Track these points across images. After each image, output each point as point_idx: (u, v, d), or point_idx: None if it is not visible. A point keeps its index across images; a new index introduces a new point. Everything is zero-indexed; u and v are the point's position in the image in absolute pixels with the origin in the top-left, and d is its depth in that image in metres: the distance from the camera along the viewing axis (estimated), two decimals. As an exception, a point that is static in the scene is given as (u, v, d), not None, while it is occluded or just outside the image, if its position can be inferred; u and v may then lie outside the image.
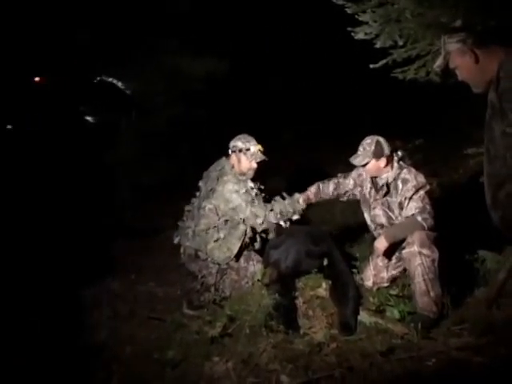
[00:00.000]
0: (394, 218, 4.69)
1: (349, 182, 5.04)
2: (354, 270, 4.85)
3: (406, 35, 4.03)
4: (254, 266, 5.26)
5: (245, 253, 5.36)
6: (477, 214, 5.13)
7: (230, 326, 4.39)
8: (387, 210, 4.72)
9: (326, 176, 5.31)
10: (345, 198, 5.14)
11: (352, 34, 4.21)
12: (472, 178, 6.68)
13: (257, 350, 4.11)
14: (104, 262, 6.83)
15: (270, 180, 7.43)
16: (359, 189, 4.98)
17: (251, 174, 5.31)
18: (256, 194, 5.21)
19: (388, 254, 4.65)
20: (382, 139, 4.66)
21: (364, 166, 4.72)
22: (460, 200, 6.30)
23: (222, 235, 5.14)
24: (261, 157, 5.28)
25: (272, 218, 5.10)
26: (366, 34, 4.16)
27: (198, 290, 5.23)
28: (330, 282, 4.62)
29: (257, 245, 5.32)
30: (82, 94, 8.44)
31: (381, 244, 4.53)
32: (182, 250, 5.34)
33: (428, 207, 4.44)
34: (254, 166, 5.28)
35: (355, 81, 8.93)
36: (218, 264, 5.15)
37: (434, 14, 3.18)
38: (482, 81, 2.81)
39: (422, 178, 4.54)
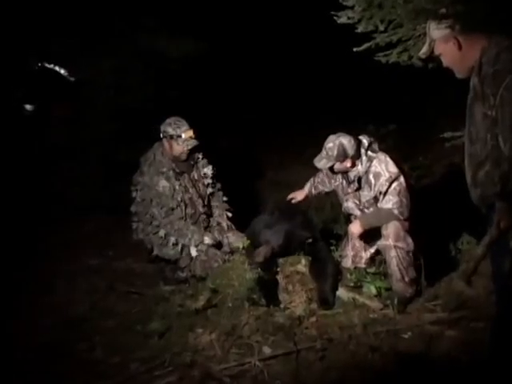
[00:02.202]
0: (366, 209, 4.72)
1: (323, 180, 5.08)
2: (333, 248, 4.98)
3: (388, 21, 4.13)
4: (227, 238, 5.38)
5: (215, 224, 5.50)
6: (448, 196, 5.37)
7: (213, 299, 4.48)
8: (359, 203, 4.74)
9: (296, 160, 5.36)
10: (324, 191, 5.21)
11: (335, 17, 4.27)
12: (443, 162, 6.88)
13: (239, 322, 4.22)
14: (80, 239, 6.84)
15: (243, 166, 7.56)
16: (332, 181, 4.98)
17: (184, 156, 5.30)
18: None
19: (363, 237, 4.72)
20: (345, 140, 4.53)
21: (330, 168, 4.72)
22: (432, 183, 6.47)
23: (162, 233, 5.22)
24: (192, 143, 5.24)
25: (193, 251, 5.20)
26: (348, 18, 4.23)
27: (172, 267, 5.30)
28: (310, 259, 4.73)
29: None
30: (20, 80, 8.12)
31: (355, 229, 4.62)
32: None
33: (404, 200, 4.45)
34: (186, 149, 5.25)
35: (331, 65, 9.01)
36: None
37: (421, 0, 3.29)
38: (465, 67, 2.93)
39: (393, 168, 4.49)
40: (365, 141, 4.65)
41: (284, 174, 7.58)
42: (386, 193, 4.48)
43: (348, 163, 4.58)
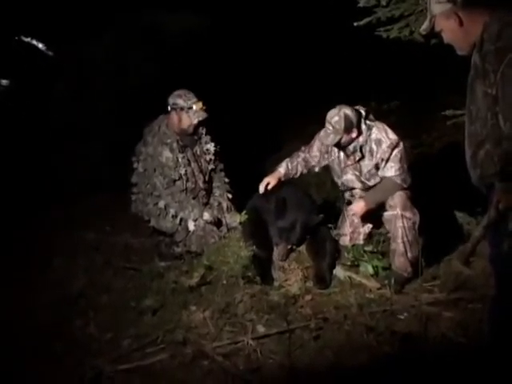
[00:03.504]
0: (367, 181, 4.67)
1: (315, 155, 4.90)
2: (331, 226, 4.92)
3: (390, -6, 4.06)
4: (225, 219, 5.34)
5: (215, 204, 5.46)
6: (450, 175, 5.30)
7: (207, 276, 4.46)
8: (359, 173, 4.69)
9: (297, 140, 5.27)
10: (316, 170, 5.04)
11: (337, -9, 4.21)
12: (446, 140, 6.81)
13: (234, 300, 4.20)
14: (79, 215, 6.82)
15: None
16: (326, 156, 4.87)
17: (191, 129, 5.24)
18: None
19: (365, 216, 4.68)
20: (348, 110, 4.48)
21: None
22: (434, 162, 6.40)
23: (162, 205, 5.17)
24: (203, 115, 5.18)
25: (190, 225, 5.16)
26: (351, -8, 4.18)
27: (167, 243, 5.27)
28: (308, 237, 4.68)
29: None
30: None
31: (359, 208, 4.56)
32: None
33: (405, 166, 4.47)
34: (195, 122, 5.19)
35: (334, 39, 8.90)
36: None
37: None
38: (466, 43, 2.85)
39: (393, 135, 4.49)
40: (361, 110, 4.62)
41: (285, 152, 7.53)
42: (388, 160, 4.47)
43: (354, 133, 4.52)
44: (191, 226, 5.14)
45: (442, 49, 3.08)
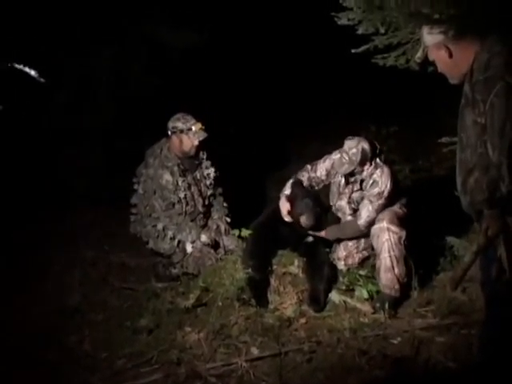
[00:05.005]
0: (355, 209, 4.77)
1: (321, 174, 4.94)
2: (328, 249, 4.94)
3: (388, 23, 4.10)
4: (223, 241, 5.39)
5: (214, 227, 5.49)
6: (447, 200, 5.32)
7: (203, 297, 4.50)
8: (353, 203, 4.79)
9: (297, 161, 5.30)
10: (319, 187, 5.08)
11: (335, 19, 4.24)
12: (444, 165, 6.84)
13: (228, 321, 4.24)
14: (78, 229, 6.79)
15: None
16: (332, 177, 4.94)
17: (193, 151, 5.32)
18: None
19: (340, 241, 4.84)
20: (366, 145, 4.56)
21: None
22: (432, 187, 6.42)
23: (160, 227, 5.24)
24: (203, 135, 5.26)
25: (188, 247, 5.23)
26: (349, 19, 4.20)
27: (164, 264, 5.32)
28: (305, 259, 4.72)
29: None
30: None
31: (323, 234, 4.76)
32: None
33: (375, 217, 4.53)
34: (196, 143, 5.26)
35: (335, 66, 8.95)
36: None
37: (417, 3, 3.26)
38: (457, 73, 2.91)
39: (388, 185, 4.53)
40: (377, 147, 4.69)
41: (287, 171, 7.55)
42: (369, 202, 4.54)
43: (366, 166, 4.62)
44: (189, 248, 5.19)
45: (441, 75, 3.13)
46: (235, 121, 8.38)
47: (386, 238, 4.39)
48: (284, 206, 4.78)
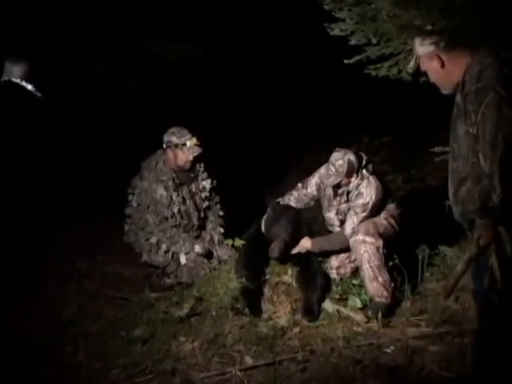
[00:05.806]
0: (342, 219, 4.84)
1: (311, 190, 5.02)
2: (321, 259, 4.97)
3: (380, 34, 4.13)
4: (217, 251, 5.41)
5: (207, 237, 5.50)
6: (440, 210, 5.34)
7: (197, 307, 4.53)
8: (340, 215, 4.85)
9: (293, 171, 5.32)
10: (311, 204, 5.16)
11: (328, 29, 4.27)
12: (437, 175, 6.86)
13: (223, 331, 4.26)
14: (74, 241, 6.79)
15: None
16: (322, 191, 4.99)
17: (188, 166, 5.33)
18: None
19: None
20: (352, 156, 4.59)
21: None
22: (424, 197, 6.44)
23: (154, 240, 5.25)
24: (197, 150, 5.26)
25: (182, 258, 5.25)
26: (341, 30, 4.22)
27: (158, 274, 5.32)
28: (299, 269, 4.75)
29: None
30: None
31: (307, 244, 4.81)
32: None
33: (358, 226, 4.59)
34: (191, 158, 5.27)
35: (327, 77, 8.97)
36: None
37: (409, 15, 3.29)
38: (449, 83, 2.94)
39: (374, 196, 4.58)
40: (364, 158, 4.71)
41: (283, 181, 7.58)
42: (354, 214, 4.61)
43: (353, 178, 4.65)
44: (183, 259, 5.20)
45: (432, 86, 3.16)
46: (232, 132, 8.40)
47: (364, 249, 4.45)
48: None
